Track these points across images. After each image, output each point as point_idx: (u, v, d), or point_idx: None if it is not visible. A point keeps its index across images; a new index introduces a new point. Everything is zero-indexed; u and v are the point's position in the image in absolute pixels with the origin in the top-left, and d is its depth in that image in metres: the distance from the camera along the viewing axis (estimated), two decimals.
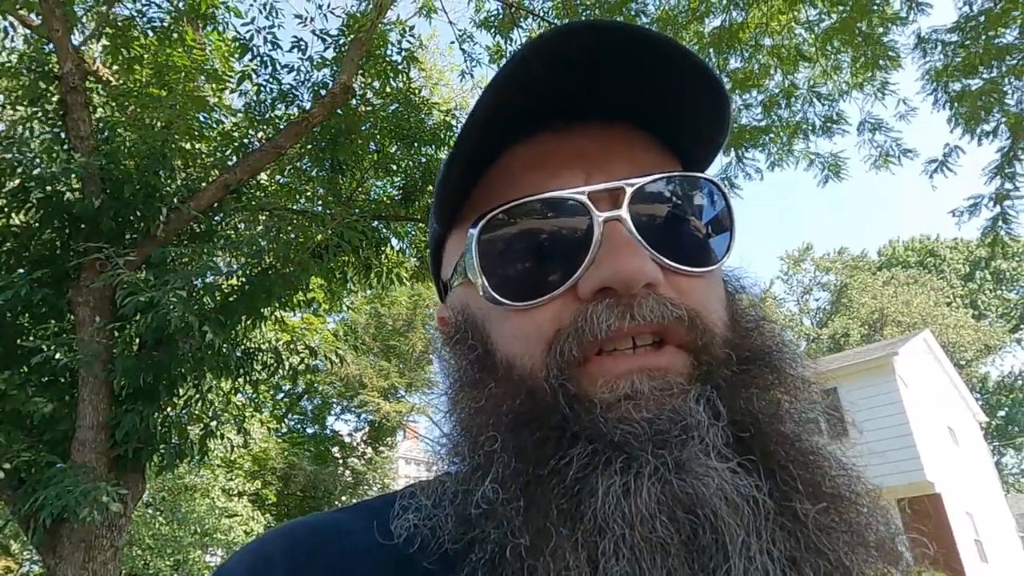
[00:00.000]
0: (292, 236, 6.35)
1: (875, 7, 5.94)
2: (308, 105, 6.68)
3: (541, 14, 7.19)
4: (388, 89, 7.12)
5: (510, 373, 0.50)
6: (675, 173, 0.54)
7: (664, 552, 0.41)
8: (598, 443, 0.45)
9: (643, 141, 0.56)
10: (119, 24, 6.21)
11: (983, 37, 5.45)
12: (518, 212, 0.52)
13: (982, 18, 5.42)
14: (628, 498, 0.42)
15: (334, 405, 19.42)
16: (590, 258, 0.49)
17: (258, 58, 6.66)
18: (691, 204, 0.55)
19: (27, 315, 5.61)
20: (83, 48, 6.07)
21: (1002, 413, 31.36)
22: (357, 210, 7.02)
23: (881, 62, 6.26)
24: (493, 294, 0.51)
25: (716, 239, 0.55)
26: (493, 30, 7.40)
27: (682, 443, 0.44)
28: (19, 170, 5.25)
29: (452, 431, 0.53)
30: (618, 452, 0.44)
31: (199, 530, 13.43)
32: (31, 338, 5.21)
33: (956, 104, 5.77)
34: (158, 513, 13.17)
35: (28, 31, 6.08)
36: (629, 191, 0.50)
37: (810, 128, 6.80)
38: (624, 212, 0.50)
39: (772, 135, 6.90)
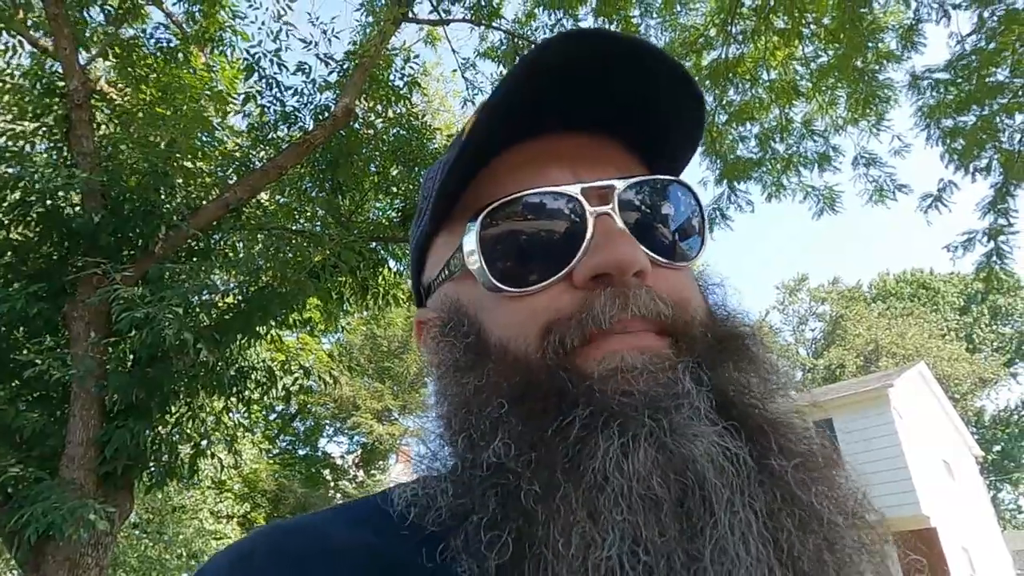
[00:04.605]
0: (290, 255, 6.37)
1: (870, 44, 6.07)
2: (310, 127, 6.76)
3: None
4: (391, 114, 7.22)
5: (505, 356, 0.53)
6: (658, 177, 0.59)
7: (658, 508, 0.44)
8: (595, 407, 0.48)
9: (625, 148, 0.62)
10: (125, 43, 6.30)
11: (975, 76, 5.56)
12: (516, 205, 0.56)
13: (975, 57, 5.54)
14: (627, 458, 0.45)
15: (327, 427, 19.25)
16: (584, 248, 0.53)
17: (263, 80, 6.75)
18: (670, 205, 0.60)
19: (21, 329, 5.60)
20: (89, 67, 6.15)
21: (998, 448, 31.22)
22: (356, 231, 7.06)
23: (879, 95, 6.36)
24: (493, 281, 0.55)
25: (691, 238, 0.60)
26: (497, 61, 7.51)
27: (675, 409, 0.47)
28: (21, 184, 5.28)
29: (450, 412, 0.55)
30: (615, 416, 0.47)
31: (186, 553, 13.21)
32: (25, 352, 5.19)
33: (949, 140, 5.86)
34: (144, 535, 12.94)
35: (34, 49, 6.17)
36: (618, 190, 0.55)
37: (804, 162, 6.88)
38: (614, 208, 0.54)
39: (767, 168, 6.98)
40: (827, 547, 0.46)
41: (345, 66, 6.79)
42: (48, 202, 5.42)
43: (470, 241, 0.56)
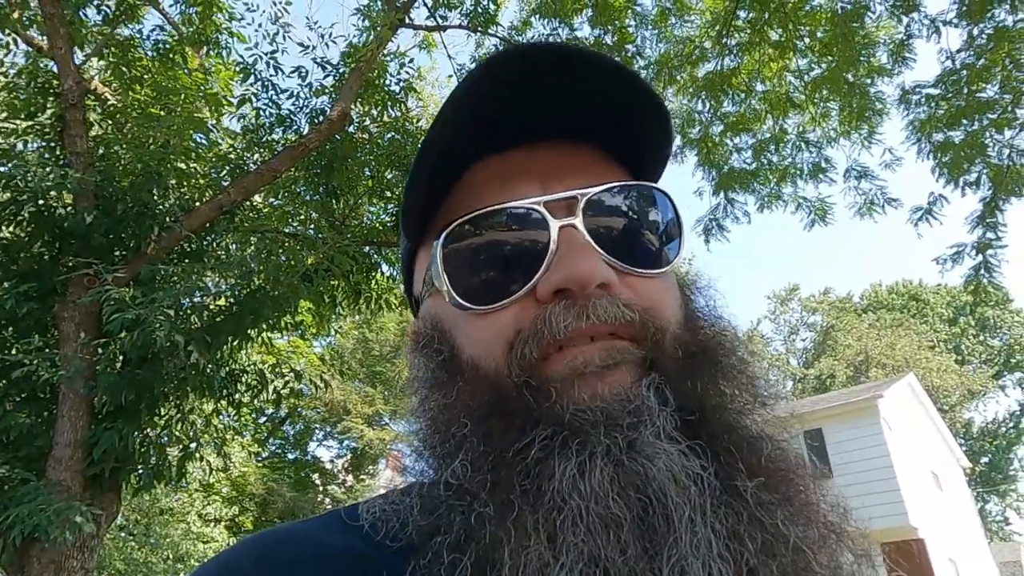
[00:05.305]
0: (283, 258, 6.36)
1: (862, 59, 6.14)
2: (305, 130, 6.76)
3: None
4: (386, 118, 7.23)
5: (476, 373, 0.53)
6: (624, 183, 0.58)
7: (617, 527, 0.43)
8: (556, 426, 0.47)
9: (596, 156, 0.60)
10: (120, 42, 6.29)
11: (965, 91, 5.63)
12: (479, 222, 0.55)
13: (964, 72, 5.61)
14: (583, 478, 0.45)
15: (316, 431, 19.18)
16: (547, 263, 0.52)
17: (259, 82, 6.75)
18: (642, 211, 0.58)
19: (10, 328, 5.56)
20: (83, 66, 6.13)
21: (986, 459, 31.41)
22: (349, 235, 7.05)
23: (870, 108, 6.43)
24: (458, 299, 0.55)
25: (667, 244, 0.59)
26: None
27: (633, 426, 0.47)
28: (12, 183, 5.26)
29: (423, 428, 0.56)
30: (573, 435, 0.47)
31: (172, 556, 13.09)
32: (13, 352, 5.15)
33: (939, 154, 5.93)
34: (130, 537, 12.82)
35: (29, 47, 6.15)
36: (583, 200, 0.54)
37: (798, 173, 6.94)
38: (578, 219, 0.53)
39: (761, 179, 7.03)
40: (794, 572, 0.45)
41: (341, 70, 6.80)
42: (40, 201, 5.39)
43: (435, 260, 0.56)
